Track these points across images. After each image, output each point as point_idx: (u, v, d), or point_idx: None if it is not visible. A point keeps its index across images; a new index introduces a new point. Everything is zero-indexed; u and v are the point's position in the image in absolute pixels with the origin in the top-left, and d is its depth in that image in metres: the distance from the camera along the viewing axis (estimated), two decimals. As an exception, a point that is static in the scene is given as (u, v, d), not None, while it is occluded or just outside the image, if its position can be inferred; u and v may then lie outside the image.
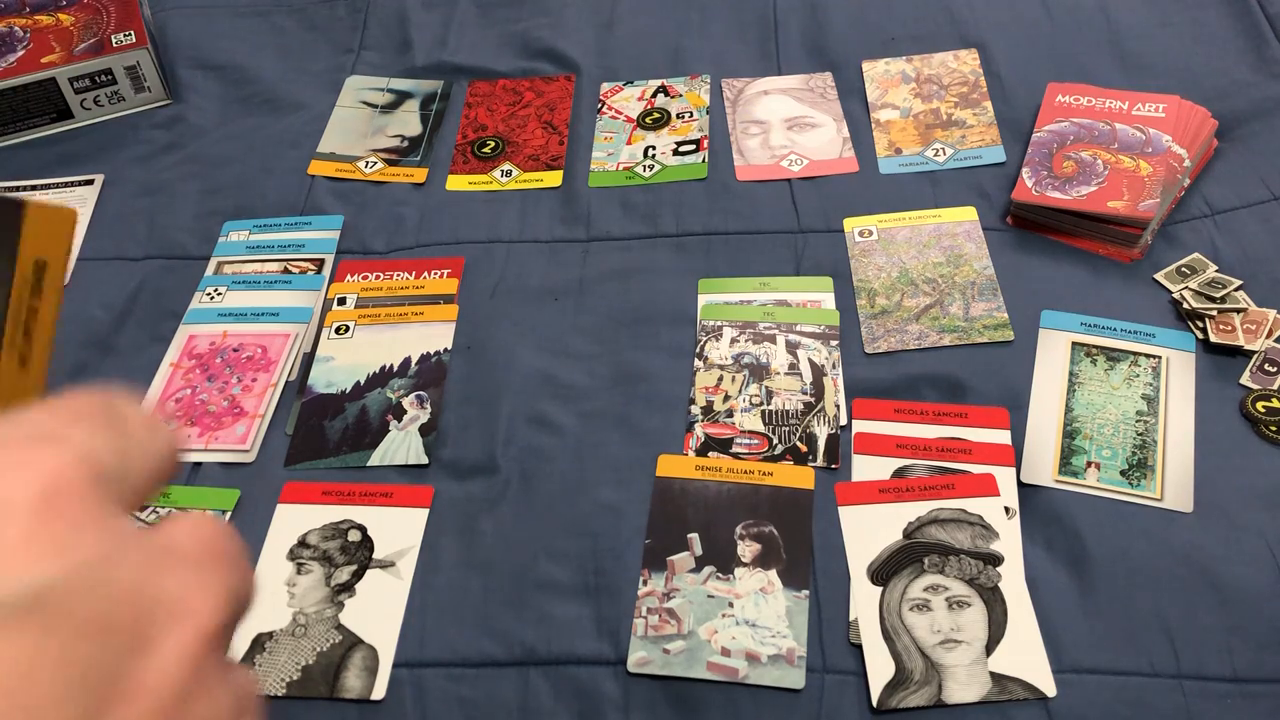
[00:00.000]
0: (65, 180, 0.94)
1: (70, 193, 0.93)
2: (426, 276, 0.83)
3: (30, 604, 0.18)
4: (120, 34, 0.99)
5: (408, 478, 0.71)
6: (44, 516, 0.19)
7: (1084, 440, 0.68)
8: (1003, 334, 0.75)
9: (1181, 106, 0.84)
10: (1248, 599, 0.60)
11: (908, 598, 0.62)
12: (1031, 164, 0.83)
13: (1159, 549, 0.63)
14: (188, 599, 0.20)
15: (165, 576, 0.20)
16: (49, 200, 0.56)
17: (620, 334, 0.78)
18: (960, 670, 0.59)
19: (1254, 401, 0.69)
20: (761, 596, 0.63)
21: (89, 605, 0.19)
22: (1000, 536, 0.64)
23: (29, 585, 0.18)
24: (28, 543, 0.18)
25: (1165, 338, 0.73)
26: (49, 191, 0.93)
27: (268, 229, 0.88)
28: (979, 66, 0.94)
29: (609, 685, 0.60)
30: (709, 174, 0.89)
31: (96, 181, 0.94)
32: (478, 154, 0.93)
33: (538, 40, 1.02)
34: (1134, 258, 0.78)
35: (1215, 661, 0.58)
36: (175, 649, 0.20)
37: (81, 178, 0.94)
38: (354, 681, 0.61)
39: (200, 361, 0.79)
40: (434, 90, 1.00)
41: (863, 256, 0.81)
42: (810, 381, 0.73)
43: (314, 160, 0.94)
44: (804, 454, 0.69)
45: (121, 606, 0.19)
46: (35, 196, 0.93)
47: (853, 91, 0.94)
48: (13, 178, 0.95)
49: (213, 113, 0.99)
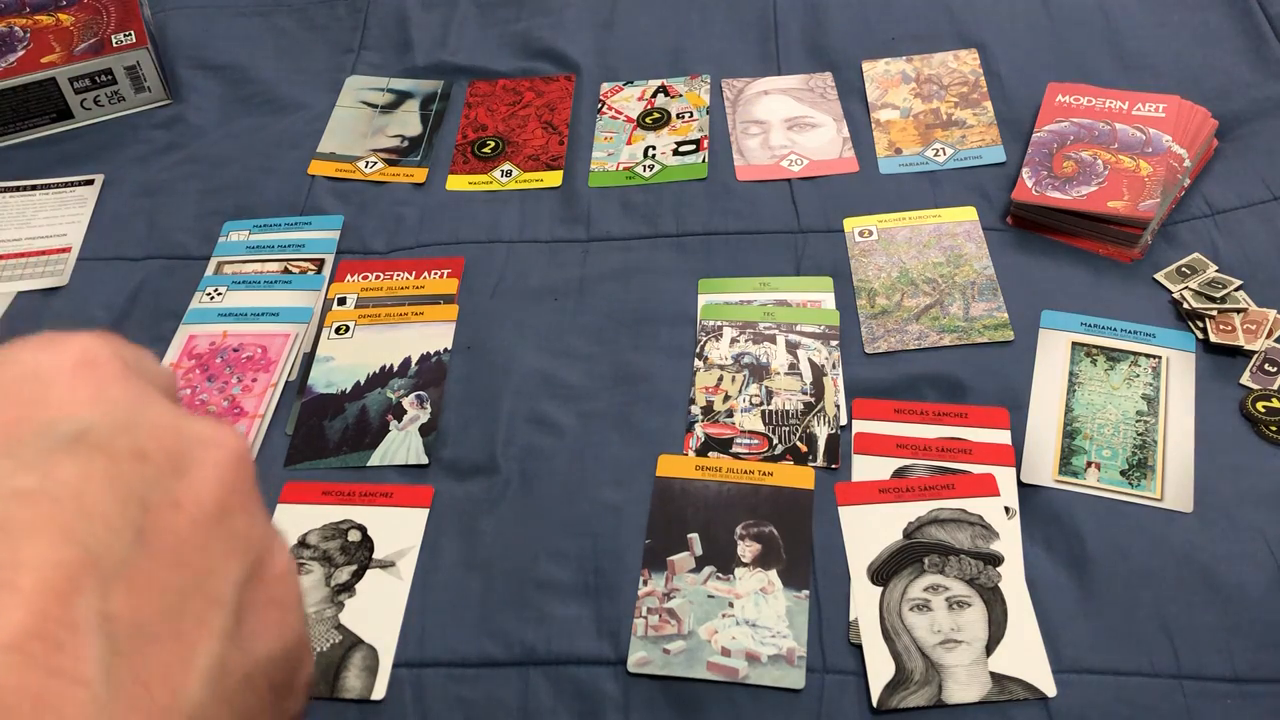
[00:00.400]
0: (65, 180, 0.94)
1: (70, 193, 0.93)
2: (426, 276, 0.83)
3: (76, 437, 0.21)
4: (120, 34, 0.99)
5: (408, 478, 0.71)
6: (81, 376, 0.22)
7: (1084, 440, 0.68)
8: (1003, 334, 0.75)
9: (1182, 106, 0.84)
10: (1248, 599, 0.60)
11: (908, 598, 0.62)
12: (1031, 164, 0.83)
13: (1159, 549, 0.63)
14: (216, 433, 0.23)
15: (192, 420, 0.23)
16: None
17: (620, 334, 0.78)
18: (960, 670, 0.59)
19: (1254, 401, 0.69)
20: (762, 596, 0.63)
21: (127, 439, 0.21)
22: (1000, 536, 0.64)
23: (74, 425, 0.21)
24: (69, 396, 0.22)
25: (1165, 338, 0.73)
26: (49, 192, 0.93)
27: (268, 229, 0.88)
28: (979, 66, 0.94)
29: (609, 685, 0.60)
30: (709, 174, 0.89)
31: (96, 181, 0.94)
32: (478, 154, 0.93)
33: (538, 40, 1.02)
34: (1134, 258, 0.78)
35: (1215, 661, 0.58)
36: (212, 469, 0.22)
37: (81, 178, 0.94)
38: (354, 681, 0.61)
39: (200, 361, 0.79)
40: (434, 90, 1.00)
41: (863, 256, 0.81)
42: (810, 381, 0.73)
43: (314, 160, 0.94)
44: (804, 454, 0.69)
45: (156, 440, 0.22)
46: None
47: (853, 91, 0.94)
48: (13, 178, 0.95)
49: (213, 113, 0.99)
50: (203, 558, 0.21)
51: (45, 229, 0.90)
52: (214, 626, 0.21)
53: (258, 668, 0.22)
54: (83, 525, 0.19)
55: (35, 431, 0.21)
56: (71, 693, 0.18)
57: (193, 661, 0.20)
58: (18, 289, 0.85)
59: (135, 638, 0.19)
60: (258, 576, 0.22)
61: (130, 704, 0.19)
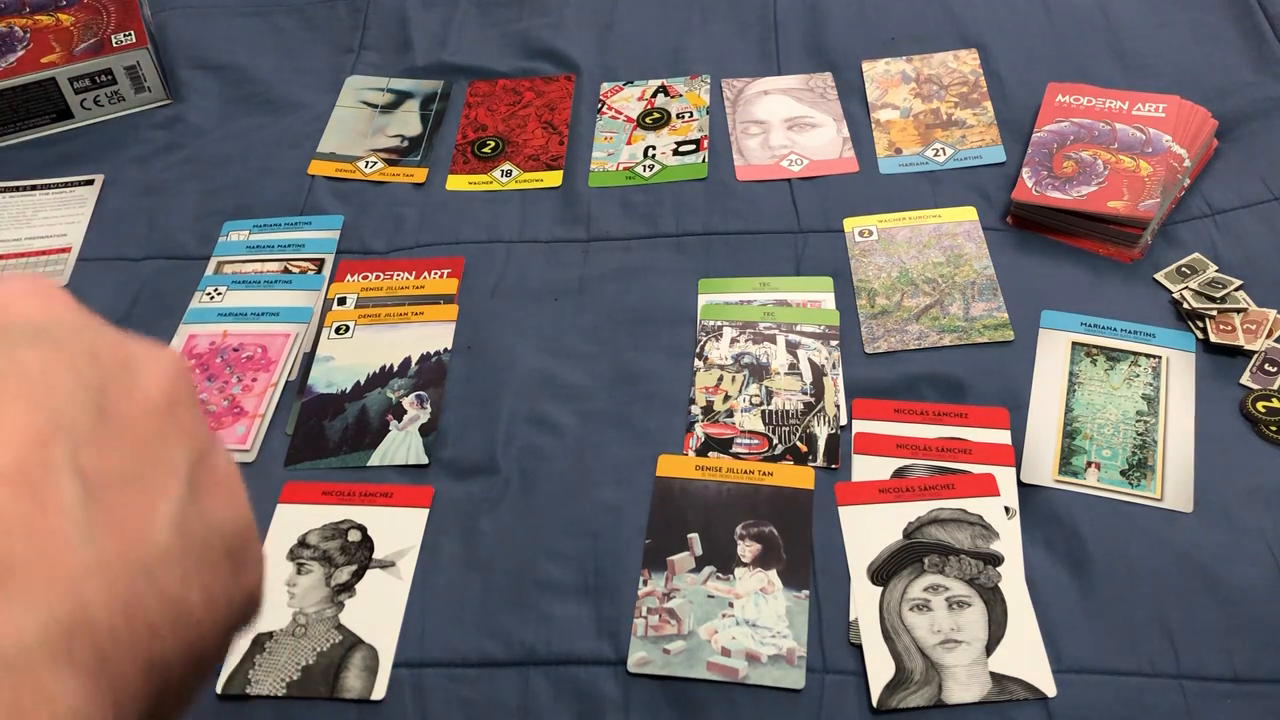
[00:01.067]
0: (65, 180, 0.94)
1: (70, 193, 0.93)
2: (426, 276, 0.83)
3: (35, 335, 0.23)
4: (120, 34, 0.99)
5: (408, 478, 0.71)
6: (36, 298, 0.24)
7: (1084, 440, 0.68)
8: (1003, 334, 0.75)
9: (1182, 106, 0.84)
10: (1248, 599, 0.60)
11: (908, 598, 0.62)
12: (1031, 164, 0.83)
13: (1159, 549, 0.63)
14: (158, 348, 0.26)
15: (136, 338, 0.25)
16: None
17: (620, 334, 0.78)
18: (960, 670, 0.59)
19: (1254, 401, 0.69)
20: (761, 596, 0.63)
21: (80, 341, 0.23)
22: (1000, 536, 0.64)
23: (31, 327, 0.23)
24: (24, 309, 0.24)
25: (1165, 338, 0.73)
26: (49, 192, 0.93)
27: (268, 229, 0.88)
28: (979, 66, 0.94)
29: (609, 685, 0.60)
30: (709, 174, 0.89)
31: (96, 182, 0.94)
32: (478, 154, 0.93)
33: (538, 40, 1.02)
34: (1134, 258, 0.78)
35: (1215, 661, 0.58)
36: (159, 372, 0.25)
37: (81, 178, 0.94)
38: (354, 682, 0.61)
39: (200, 361, 0.79)
40: (434, 90, 1.00)
41: (863, 256, 0.81)
42: (810, 381, 0.73)
43: (314, 160, 0.94)
44: (804, 454, 0.69)
45: (106, 346, 0.24)
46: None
47: (853, 91, 0.94)
48: (13, 178, 0.95)
49: (213, 113, 0.99)
50: (157, 439, 0.23)
51: (45, 229, 0.90)
52: (172, 491, 0.23)
53: (214, 532, 0.24)
54: (50, 398, 0.22)
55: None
56: (57, 522, 0.20)
57: (158, 511, 0.22)
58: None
59: (105, 489, 0.21)
60: (205, 462, 0.25)
61: (107, 537, 0.21)
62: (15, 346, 0.22)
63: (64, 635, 0.19)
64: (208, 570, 0.23)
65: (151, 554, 0.22)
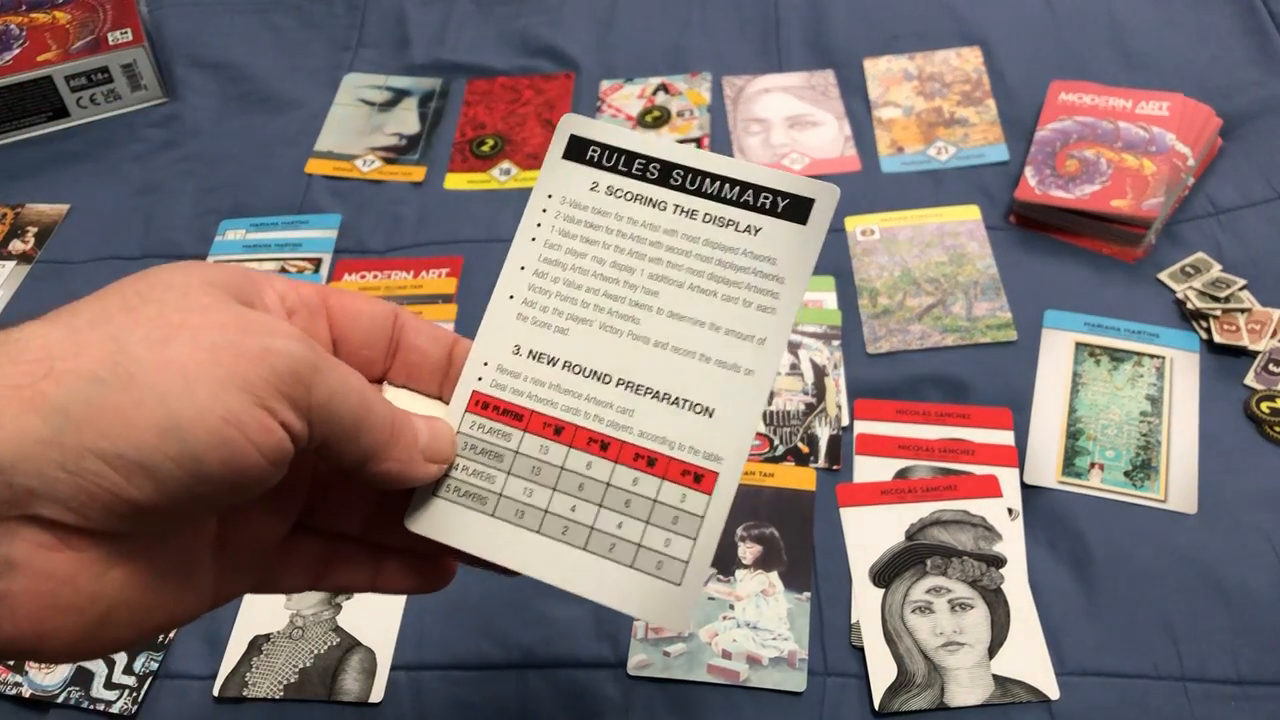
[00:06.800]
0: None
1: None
2: (425, 276, 0.83)
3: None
4: (117, 32, 0.98)
5: (406, 478, 0.70)
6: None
7: (1087, 441, 0.68)
8: (1006, 334, 0.74)
9: (1186, 105, 0.84)
10: (1252, 601, 0.60)
11: (910, 600, 0.61)
12: (1034, 162, 0.82)
13: (1163, 551, 0.62)
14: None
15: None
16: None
17: (620, 334, 0.77)
18: (963, 673, 0.58)
19: (1258, 402, 0.68)
20: (762, 599, 0.62)
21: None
22: (1003, 538, 0.64)
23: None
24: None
25: (1169, 338, 0.73)
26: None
27: (265, 228, 0.88)
28: (982, 64, 0.94)
29: (609, 688, 0.60)
30: (709, 172, 0.88)
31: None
32: (476, 152, 0.93)
33: (537, 38, 1.02)
34: (1138, 257, 0.78)
35: (1219, 664, 0.58)
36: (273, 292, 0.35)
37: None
38: (352, 684, 0.61)
39: (197, 361, 0.79)
40: (432, 88, 0.99)
41: (864, 256, 0.81)
42: (812, 382, 0.73)
43: (311, 158, 0.93)
44: (805, 455, 0.69)
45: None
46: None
47: (855, 89, 0.94)
48: (8, 177, 0.94)
49: (210, 111, 0.99)
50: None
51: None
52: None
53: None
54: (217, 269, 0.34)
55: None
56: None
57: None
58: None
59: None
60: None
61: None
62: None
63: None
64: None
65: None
